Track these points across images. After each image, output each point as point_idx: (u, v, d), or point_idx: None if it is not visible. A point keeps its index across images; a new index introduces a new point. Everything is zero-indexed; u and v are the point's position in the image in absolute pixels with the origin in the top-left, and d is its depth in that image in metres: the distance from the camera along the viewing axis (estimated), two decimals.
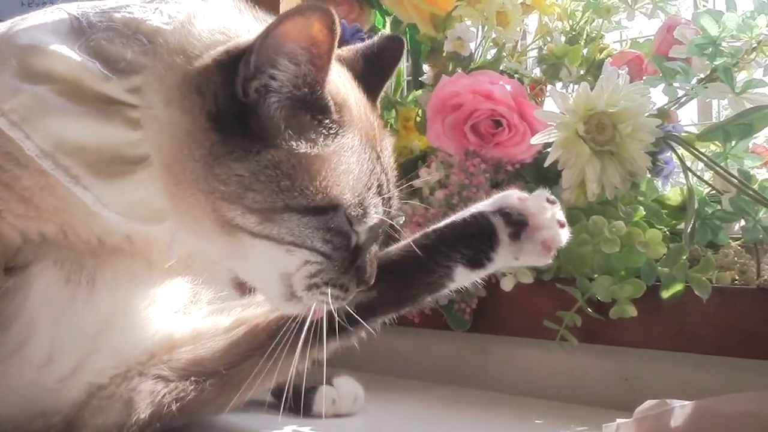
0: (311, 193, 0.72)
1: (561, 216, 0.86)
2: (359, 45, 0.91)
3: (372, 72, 0.87)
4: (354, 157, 0.76)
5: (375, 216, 0.77)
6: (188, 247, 0.87)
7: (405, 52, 0.90)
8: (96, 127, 0.74)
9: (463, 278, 0.87)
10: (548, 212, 0.84)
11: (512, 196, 0.86)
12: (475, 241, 0.85)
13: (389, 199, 0.80)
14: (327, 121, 0.74)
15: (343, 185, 0.74)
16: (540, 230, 0.84)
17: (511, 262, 0.87)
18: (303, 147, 0.73)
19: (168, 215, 0.78)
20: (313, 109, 0.74)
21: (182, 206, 0.75)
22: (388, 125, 1.36)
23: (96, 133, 0.74)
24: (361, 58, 0.88)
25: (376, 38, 0.92)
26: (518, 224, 0.84)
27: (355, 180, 0.75)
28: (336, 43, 0.72)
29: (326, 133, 0.74)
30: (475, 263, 0.86)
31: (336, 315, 0.82)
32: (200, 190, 0.72)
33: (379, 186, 0.79)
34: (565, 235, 0.86)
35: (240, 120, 0.72)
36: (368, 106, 0.84)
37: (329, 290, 0.76)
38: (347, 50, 0.89)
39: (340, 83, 0.80)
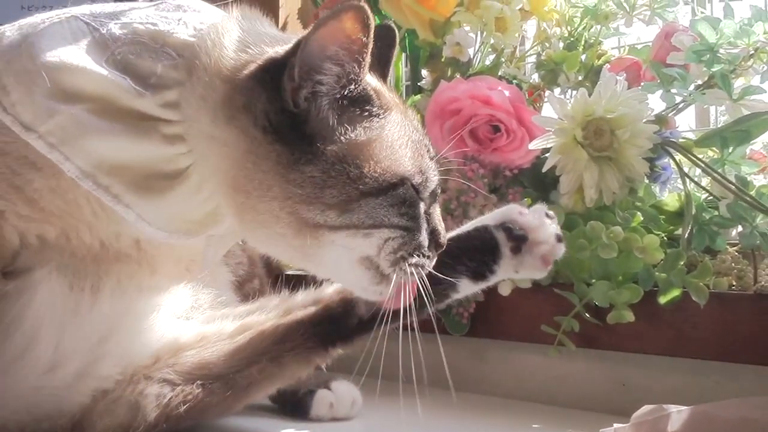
0: (379, 174, 0.76)
1: (558, 230, 0.90)
2: None
3: (372, 62, 0.88)
4: (402, 131, 0.80)
5: (434, 178, 0.82)
6: (192, 251, 0.89)
7: (396, 37, 0.93)
8: (133, 145, 0.75)
9: (467, 289, 0.91)
10: (547, 228, 0.89)
11: (513, 210, 0.91)
12: (479, 254, 0.89)
13: (437, 159, 0.84)
14: (373, 107, 0.79)
15: (403, 159, 0.79)
16: (539, 245, 0.88)
17: (511, 275, 0.92)
18: (360, 135, 0.77)
19: (205, 225, 0.81)
20: (359, 102, 0.78)
21: (251, 215, 0.77)
22: None
23: (133, 150, 0.75)
24: None
25: None
26: (519, 239, 0.88)
27: (411, 151, 0.80)
28: (372, 36, 0.75)
29: (374, 118, 0.78)
30: (479, 275, 0.90)
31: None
32: (274, 198, 0.75)
33: (428, 150, 0.83)
34: (561, 250, 0.90)
35: (297, 127, 0.75)
36: (386, 86, 0.88)
37: (414, 259, 0.79)
38: None
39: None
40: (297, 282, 1.00)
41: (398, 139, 0.79)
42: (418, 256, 0.79)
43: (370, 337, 0.90)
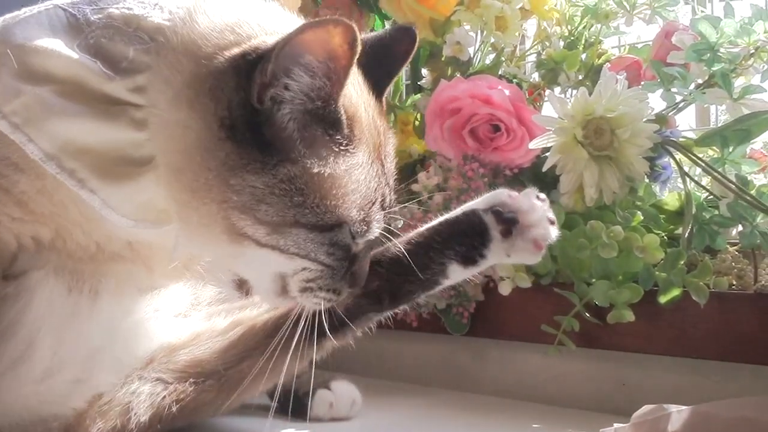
0: (321, 211, 0.74)
1: (551, 213, 0.87)
2: (368, 35, 0.89)
3: (381, 65, 0.86)
4: (363, 175, 0.77)
5: (377, 230, 0.80)
6: (189, 250, 0.88)
7: (417, 41, 0.88)
8: (100, 129, 0.73)
9: (457, 275, 0.88)
10: (539, 210, 0.85)
11: (503, 194, 0.87)
12: (468, 238, 0.86)
13: (390, 210, 0.82)
14: (338, 137, 0.75)
15: (351, 204, 0.76)
16: (531, 228, 0.85)
17: (503, 260, 0.88)
18: (316, 166, 0.73)
19: (172, 216, 0.78)
20: (325, 124, 0.74)
21: (192, 214, 0.75)
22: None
23: (100, 134, 0.73)
24: (369, 51, 0.84)
25: (387, 28, 0.92)
26: (509, 222, 0.85)
27: (363, 198, 0.77)
28: (355, 60, 0.71)
29: (337, 150, 0.75)
30: (468, 260, 0.87)
31: (333, 312, 0.84)
32: (212, 200, 0.73)
33: (383, 200, 0.80)
34: (554, 232, 0.87)
35: (254, 129, 0.72)
36: (375, 107, 0.84)
37: (322, 294, 0.79)
38: None
39: (352, 89, 0.79)
40: None
41: (354, 182, 0.76)
42: (328, 292, 0.79)
43: (362, 329, 0.89)
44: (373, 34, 0.90)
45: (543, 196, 0.87)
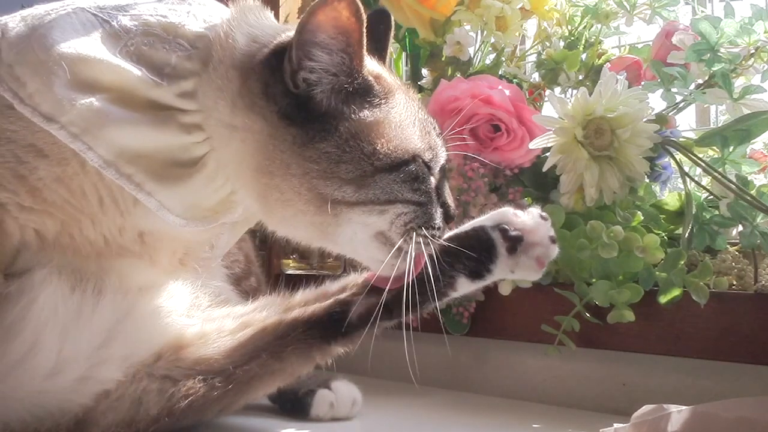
0: (392, 151, 0.80)
1: (552, 232, 0.91)
2: None
3: (371, 46, 0.90)
4: (408, 111, 0.84)
5: (443, 154, 0.86)
6: (186, 244, 0.90)
7: (392, 19, 0.97)
8: (152, 133, 0.77)
9: (464, 288, 0.92)
10: (542, 229, 0.91)
11: (508, 212, 0.93)
12: (476, 253, 0.90)
13: (443, 135, 0.88)
14: (375, 97, 0.82)
15: (412, 137, 0.83)
16: (534, 246, 0.90)
17: (507, 275, 0.93)
18: (368, 117, 0.80)
19: (218, 213, 0.83)
20: (360, 92, 0.81)
21: (274, 194, 0.80)
22: None
23: (152, 139, 0.77)
24: None
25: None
26: (515, 239, 0.90)
27: (419, 129, 0.84)
28: (364, 29, 0.78)
29: (379, 102, 0.82)
30: (476, 274, 0.91)
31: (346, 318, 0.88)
32: (293, 175, 0.78)
33: (434, 128, 0.87)
34: (555, 251, 0.91)
35: (303, 108, 0.79)
36: (386, 69, 0.90)
37: (423, 232, 0.82)
38: None
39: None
40: (296, 282, 1.00)
41: (406, 119, 0.83)
42: (428, 228, 0.83)
43: (370, 335, 0.90)
44: None
45: (545, 215, 0.92)
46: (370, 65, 0.84)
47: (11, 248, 0.81)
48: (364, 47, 0.79)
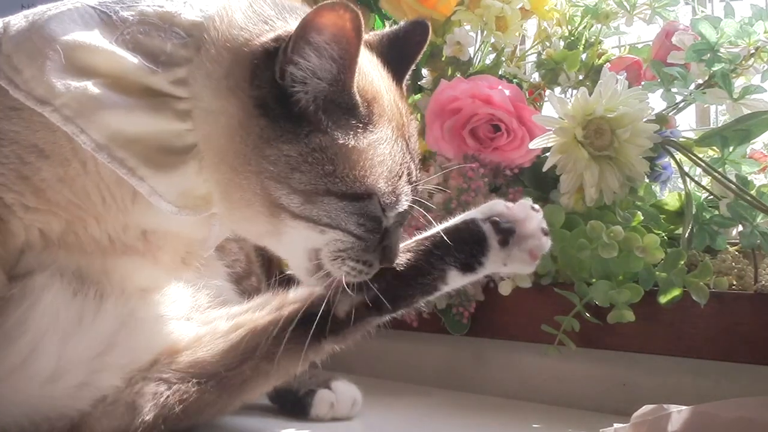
0: (350, 180, 0.78)
1: (545, 224, 0.89)
2: (385, 30, 0.95)
3: (398, 57, 0.90)
4: (387, 149, 0.81)
5: (405, 202, 0.83)
6: (188, 242, 0.90)
7: (429, 34, 0.93)
8: (146, 119, 0.76)
9: (456, 281, 0.90)
10: (534, 220, 0.88)
11: (499, 204, 0.91)
12: (467, 246, 0.88)
13: (417, 185, 0.85)
14: (357, 118, 0.79)
15: (378, 176, 0.80)
16: (527, 238, 0.88)
17: (500, 268, 0.91)
18: (341, 138, 0.78)
19: (210, 202, 0.82)
20: (342, 108, 0.78)
21: (235, 191, 0.79)
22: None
23: (145, 125, 0.77)
24: (386, 44, 0.91)
25: (401, 23, 0.95)
26: (507, 231, 0.88)
27: (389, 170, 0.81)
28: (360, 47, 0.76)
29: (359, 127, 0.79)
30: (467, 267, 0.89)
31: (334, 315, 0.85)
32: (251, 172, 0.77)
33: (409, 174, 0.84)
34: (548, 243, 0.89)
35: (284, 105, 0.77)
36: (396, 92, 0.88)
37: (352, 263, 0.81)
38: (373, 35, 0.92)
39: (373, 73, 0.84)
40: (297, 282, 1.00)
41: (380, 155, 0.80)
42: (358, 263, 0.81)
43: (366, 333, 0.90)
44: (389, 29, 0.94)
45: (537, 207, 0.90)
46: (370, 86, 0.82)
47: (16, 249, 0.82)
48: (357, 64, 0.77)
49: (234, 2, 0.82)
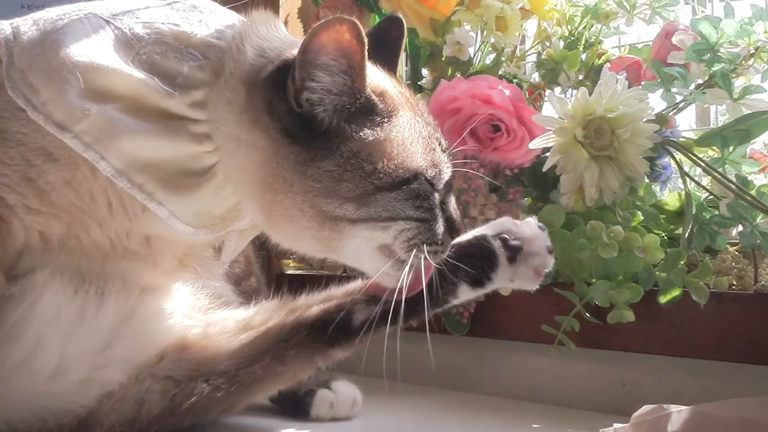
0: (392, 170, 0.80)
1: (549, 242, 0.93)
2: (367, 31, 0.95)
3: (382, 51, 0.91)
4: (412, 129, 0.83)
5: (447, 170, 0.85)
6: (186, 246, 0.90)
7: (405, 27, 0.96)
8: (164, 143, 0.77)
9: (465, 295, 0.93)
10: (540, 239, 0.92)
11: (508, 221, 0.95)
12: (477, 261, 0.91)
13: (449, 151, 0.87)
14: (377, 116, 0.81)
15: (414, 155, 0.82)
16: (533, 256, 0.92)
17: (506, 284, 0.94)
18: (370, 136, 0.80)
19: (226, 221, 0.84)
20: (362, 111, 0.80)
21: (278, 209, 0.80)
22: None
23: (163, 148, 0.77)
24: (370, 42, 0.91)
25: (378, 22, 0.99)
26: (514, 249, 0.92)
27: (423, 147, 0.83)
28: (366, 51, 0.77)
29: (381, 121, 0.81)
30: (477, 282, 0.92)
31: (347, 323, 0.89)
32: (296, 193, 0.79)
33: (440, 144, 0.86)
34: (551, 262, 0.93)
35: (308, 127, 0.79)
36: (394, 79, 0.90)
37: (427, 248, 0.82)
38: None
39: (372, 68, 0.85)
40: (297, 282, 1.01)
41: (409, 137, 0.82)
42: (431, 244, 0.82)
43: (372, 338, 0.91)
44: (368, 31, 0.94)
45: (543, 225, 0.94)
46: (376, 81, 0.84)
47: (15, 249, 0.81)
48: (366, 68, 0.79)
49: (245, 29, 0.83)
